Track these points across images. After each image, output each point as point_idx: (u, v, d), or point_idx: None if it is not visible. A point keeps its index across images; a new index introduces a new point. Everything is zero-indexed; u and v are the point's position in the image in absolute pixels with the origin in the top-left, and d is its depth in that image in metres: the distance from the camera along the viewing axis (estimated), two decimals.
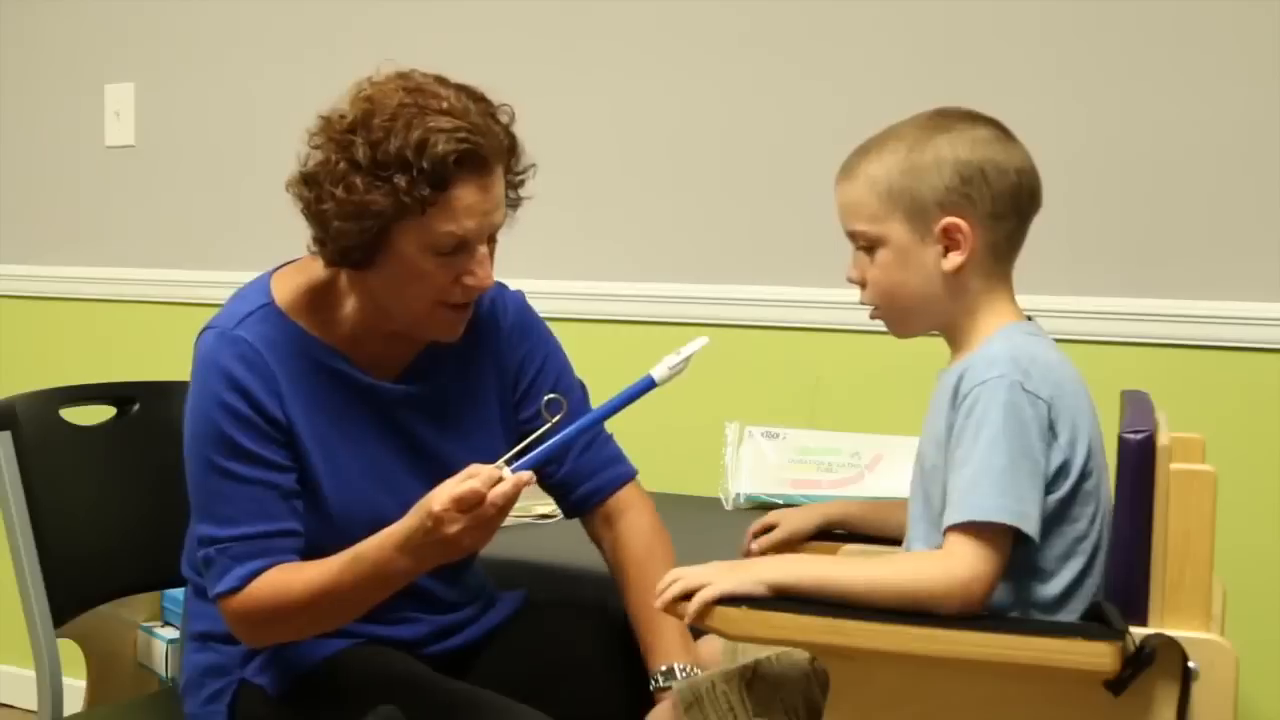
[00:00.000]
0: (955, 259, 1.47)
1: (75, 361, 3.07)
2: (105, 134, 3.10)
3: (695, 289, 2.55)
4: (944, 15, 2.36)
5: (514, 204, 1.71)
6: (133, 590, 2.10)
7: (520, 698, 1.64)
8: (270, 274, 1.74)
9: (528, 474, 1.51)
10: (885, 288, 1.51)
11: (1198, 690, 1.31)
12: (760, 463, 2.43)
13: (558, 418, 1.57)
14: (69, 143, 3.15)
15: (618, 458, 1.88)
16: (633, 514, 1.83)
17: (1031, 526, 1.38)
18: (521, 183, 1.71)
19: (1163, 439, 1.37)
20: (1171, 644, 1.31)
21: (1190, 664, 1.31)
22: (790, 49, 2.48)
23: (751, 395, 2.51)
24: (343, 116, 1.60)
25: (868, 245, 1.50)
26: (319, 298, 1.70)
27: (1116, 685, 1.31)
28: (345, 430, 1.70)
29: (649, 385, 1.58)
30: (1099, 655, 1.30)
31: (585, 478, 1.84)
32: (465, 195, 1.57)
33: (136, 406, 2.06)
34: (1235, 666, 1.32)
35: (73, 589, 1.92)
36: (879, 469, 2.37)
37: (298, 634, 1.66)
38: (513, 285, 1.88)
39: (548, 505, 2.29)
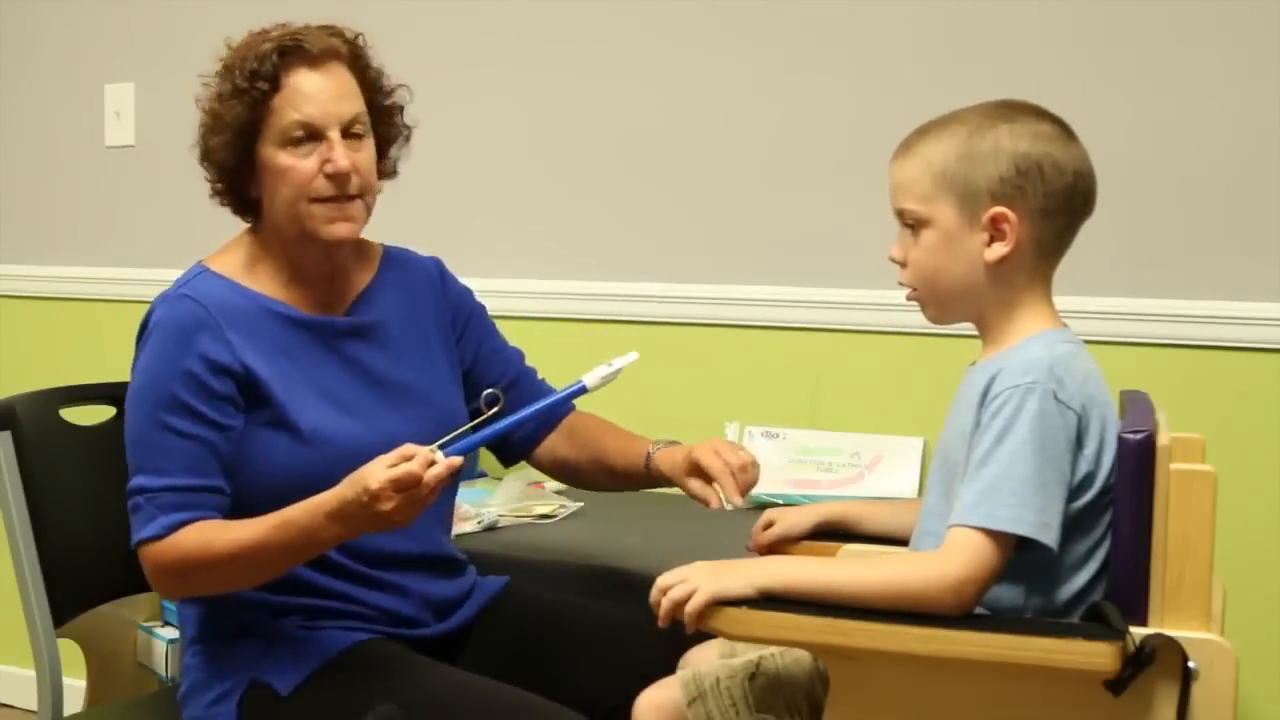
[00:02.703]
0: (999, 249, 1.46)
1: (75, 361, 3.06)
2: (105, 134, 3.10)
3: (695, 289, 2.55)
4: (945, 16, 2.36)
5: (399, 131, 1.86)
6: (133, 590, 2.08)
7: (515, 681, 1.67)
8: (198, 261, 1.83)
9: (459, 459, 1.59)
10: (926, 270, 1.50)
11: (1198, 690, 1.31)
12: (760, 463, 2.42)
13: (494, 410, 1.69)
14: (69, 143, 3.15)
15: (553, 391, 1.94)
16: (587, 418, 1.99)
17: (1051, 537, 1.38)
18: (392, 104, 1.84)
19: (1163, 439, 1.37)
20: (1171, 644, 1.31)
21: (1190, 664, 1.31)
22: (791, 49, 2.48)
23: (751, 395, 2.51)
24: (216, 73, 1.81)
25: (914, 225, 1.50)
26: (248, 261, 1.81)
27: (1116, 685, 1.31)
28: (303, 367, 1.77)
29: (581, 390, 1.73)
30: (1099, 655, 1.30)
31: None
32: (299, 82, 1.74)
33: None
34: (1235, 666, 1.33)
35: (73, 589, 1.92)
36: (879, 469, 2.37)
37: (216, 588, 1.71)
38: (513, 285, 1.89)
39: (548, 505, 2.30)
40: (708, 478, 1.80)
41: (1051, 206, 1.46)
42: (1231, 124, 2.19)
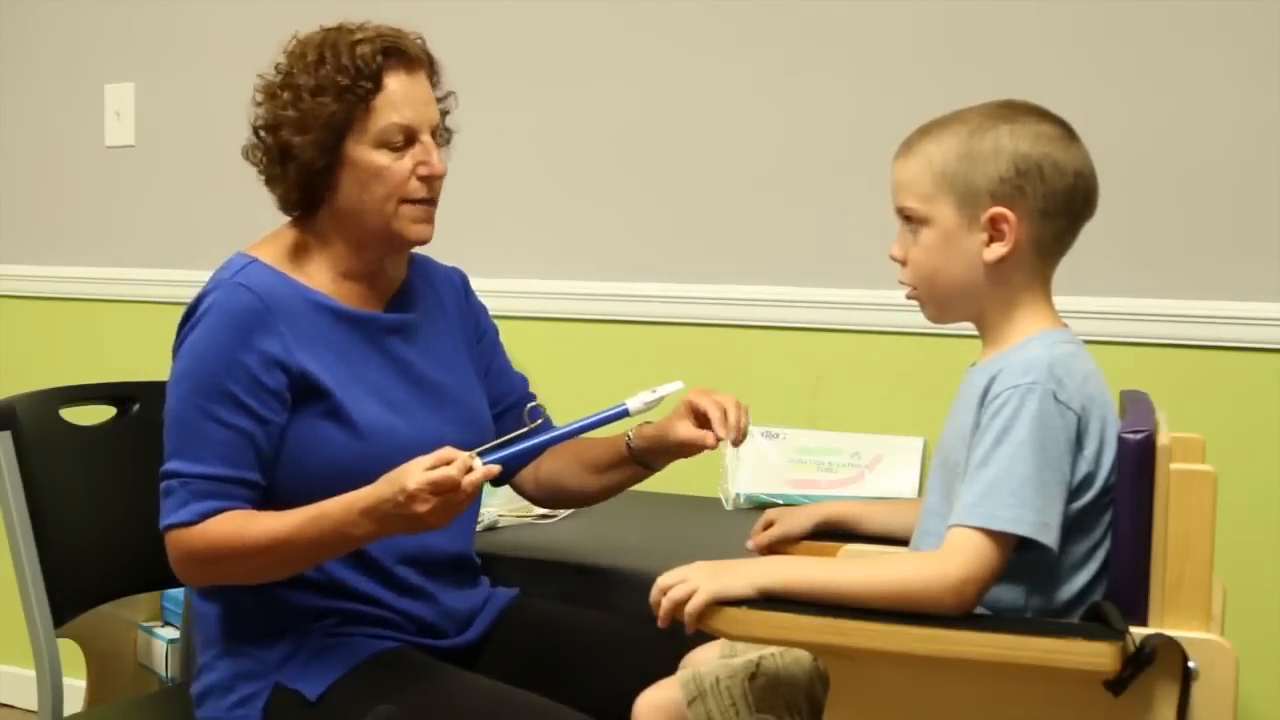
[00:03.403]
0: (998, 249, 1.46)
1: (75, 361, 3.07)
2: (105, 134, 3.10)
3: (695, 289, 2.55)
4: (944, 16, 2.36)
5: (445, 140, 1.86)
6: (133, 590, 2.09)
7: (529, 689, 1.68)
8: (240, 251, 1.81)
9: (497, 467, 1.61)
10: (925, 270, 1.50)
11: (1198, 690, 1.31)
12: (760, 463, 2.43)
13: (537, 423, 1.74)
14: (69, 143, 3.15)
15: (550, 422, 1.95)
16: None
17: (1051, 537, 1.38)
18: (446, 111, 1.85)
19: (1163, 439, 1.37)
20: (1171, 644, 1.31)
21: (1190, 664, 1.31)
22: (791, 49, 2.48)
23: (751, 395, 2.49)
24: (277, 66, 1.79)
25: (914, 224, 1.50)
26: (294, 255, 1.80)
27: (1117, 685, 1.31)
28: (348, 360, 1.77)
29: (623, 414, 1.73)
30: (1099, 655, 1.30)
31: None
32: (399, 86, 1.75)
33: (136, 406, 2.06)
34: (1235, 666, 1.33)
35: (73, 589, 1.92)
36: (879, 469, 2.37)
37: (241, 578, 1.71)
38: (514, 285, 1.90)
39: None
40: (701, 424, 1.79)
41: (1051, 207, 1.46)
42: (1231, 124, 2.19)
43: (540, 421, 1.73)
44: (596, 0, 2.62)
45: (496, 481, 1.98)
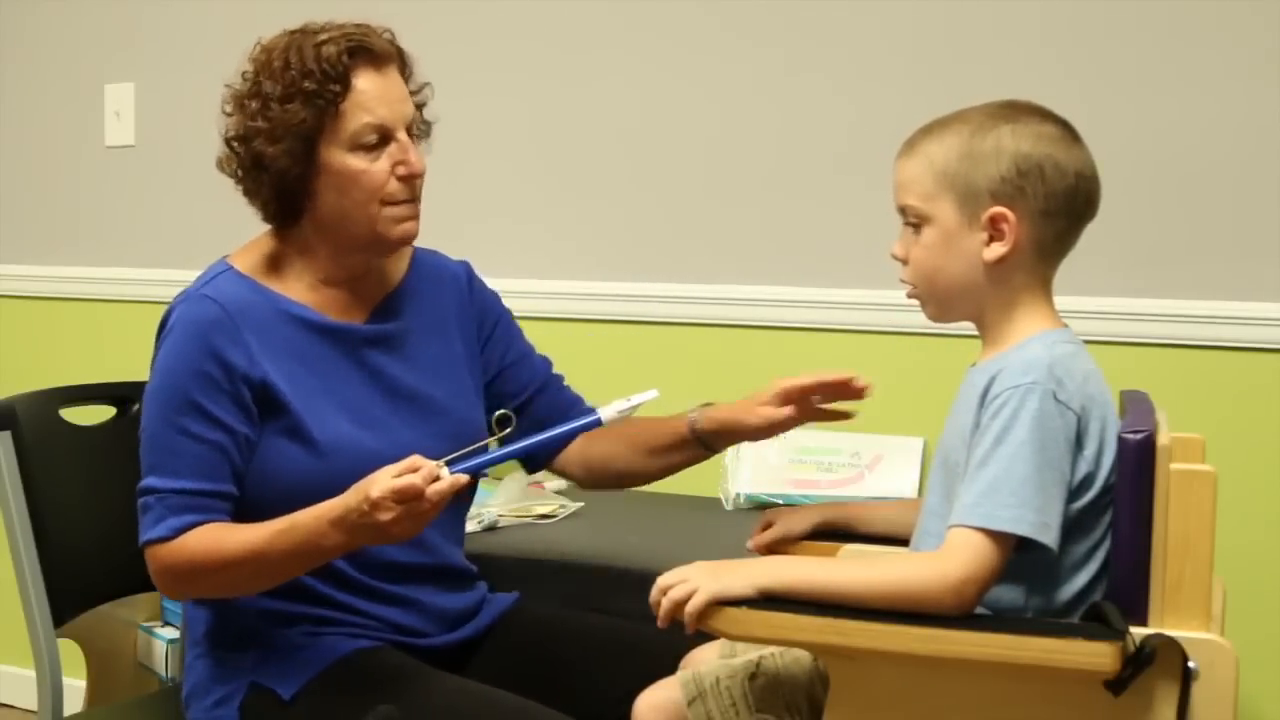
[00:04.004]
0: (998, 249, 1.46)
1: (75, 361, 3.07)
2: (105, 134, 3.10)
3: (695, 289, 2.55)
4: (944, 16, 2.36)
5: (425, 133, 1.81)
6: (133, 590, 2.09)
7: (522, 694, 1.66)
8: (223, 258, 1.81)
9: (464, 478, 1.57)
10: (926, 269, 1.51)
11: (1198, 690, 1.31)
12: (760, 463, 2.43)
13: (506, 431, 1.70)
14: (69, 143, 3.15)
15: (581, 402, 1.94)
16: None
17: (1051, 537, 1.38)
18: (423, 103, 1.81)
19: (1163, 439, 1.37)
20: (1171, 644, 1.31)
21: (1190, 664, 1.31)
22: (791, 49, 2.48)
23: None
24: (244, 74, 1.75)
25: (916, 223, 1.50)
26: (274, 263, 1.78)
27: (1116, 685, 1.31)
28: (320, 373, 1.74)
29: (596, 423, 1.69)
30: (1099, 655, 1.30)
31: (559, 416, 1.86)
32: (368, 85, 1.70)
33: (136, 407, 2.06)
34: (1235, 666, 1.33)
35: (73, 589, 1.92)
36: (879, 469, 2.37)
37: (220, 591, 1.71)
38: (516, 285, 1.89)
39: (547, 505, 2.30)
40: (798, 404, 1.76)
41: (1052, 208, 1.46)
42: (1231, 124, 2.19)
43: (509, 430, 1.70)
44: (599, 2, 2.62)
45: (531, 468, 1.98)
